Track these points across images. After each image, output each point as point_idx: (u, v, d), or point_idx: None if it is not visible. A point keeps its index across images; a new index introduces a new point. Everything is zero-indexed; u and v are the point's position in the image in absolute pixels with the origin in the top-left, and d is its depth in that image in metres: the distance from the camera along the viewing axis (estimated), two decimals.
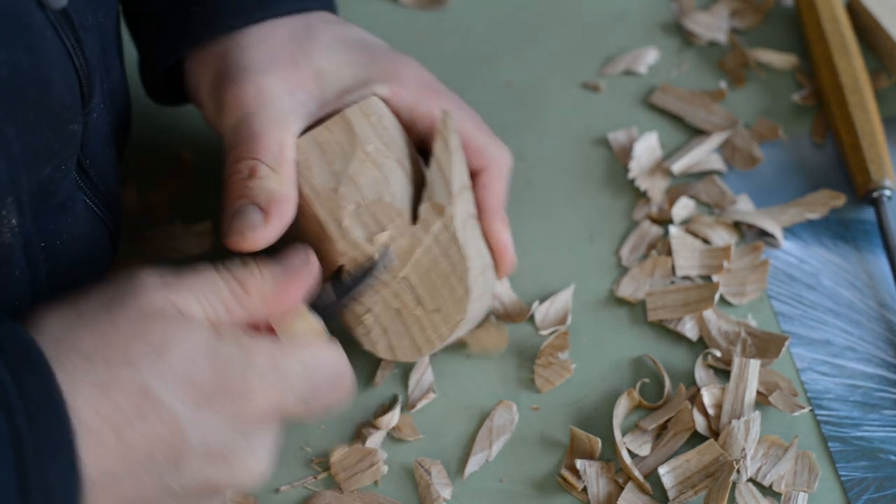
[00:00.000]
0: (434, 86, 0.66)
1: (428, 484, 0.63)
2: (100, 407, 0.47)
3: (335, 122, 0.62)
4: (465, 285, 0.62)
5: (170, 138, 0.78)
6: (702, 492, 0.62)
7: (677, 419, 0.65)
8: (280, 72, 0.63)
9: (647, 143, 0.77)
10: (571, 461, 0.64)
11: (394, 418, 0.65)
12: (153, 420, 0.48)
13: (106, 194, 0.62)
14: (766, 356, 0.67)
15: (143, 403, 0.48)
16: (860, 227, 0.74)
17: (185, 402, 0.49)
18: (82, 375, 0.48)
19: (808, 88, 0.81)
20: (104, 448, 0.47)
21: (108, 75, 0.63)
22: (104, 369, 0.48)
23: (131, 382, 0.48)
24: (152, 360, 0.49)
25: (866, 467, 0.63)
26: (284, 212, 0.60)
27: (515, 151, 0.77)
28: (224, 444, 0.50)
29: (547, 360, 0.68)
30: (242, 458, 0.51)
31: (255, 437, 0.52)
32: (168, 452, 0.49)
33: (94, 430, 0.47)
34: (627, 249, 0.73)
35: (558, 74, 0.82)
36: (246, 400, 0.51)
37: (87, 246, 0.61)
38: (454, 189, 0.62)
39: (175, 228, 0.74)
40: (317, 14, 0.67)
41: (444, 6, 0.86)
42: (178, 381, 0.49)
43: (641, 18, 0.85)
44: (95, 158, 0.61)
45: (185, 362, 0.50)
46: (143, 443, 0.48)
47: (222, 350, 0.51)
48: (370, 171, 0.62)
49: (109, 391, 0.48)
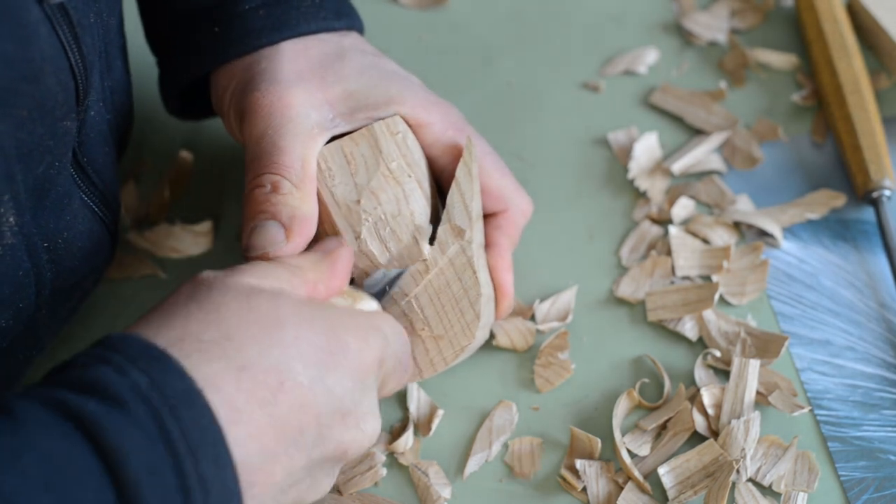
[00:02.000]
0: (462, 126, 0.66)
1: (427, 485, 0.63)
2: (242, 387, 0.48)
3: (361, 134, 0.62)
4: (475, 310, 0.62)
5: (170, 138, 0.78)
6: (701, 492, 0.62)
7: (677, 419, 0.65)
8: (309, 87, 0.63)
9: (647, 143, 0.77)
10: (571, 461, 0.64)
11: (408, 441, 0.65)
12: (293, 392, 0.50)
13: (104, 192, 0.62)
14: (765, 356, 0.67)
15: (281, 377, 0.49)
16: (860, 227, 0.74)
17: (314, 368, 0.51)
18: (215, 361, 0.48)
19: (808, 88, 0.81)
20: (256, 427, 0.48)
21: (110, 74, 0.62)
22: (234, 351, 0.49)
23: (263, 359, 0.49)
24: (272, 334, 0.50)
25: (866, 467, 0.63)
26: (306, 230, 0.60)
27: (515, 151, 0.78)
28: (354, 404, 0.52)
29: (547, 361, 0.68)
30: (368, 416, 0.53)
31: (372, 394, 0.54)
32: (313, 422, 0.50)
33: (243, 410, 0.48)
34: (627, 249, 0.73)
35: (558, 74, 0.82)
36: (362, 353, 0.53)
37: (88, 244, 0.61)
38: (473, 214, 0.62)
39: (175, 228, 0.74)
40: (351, 39, 0.67)
41: (444, 6, 0.86)
42: (301, 350, 0.51)
43: (641, 18, 0.85)
44: (93, 156, 0.61)
45: (300, 331, 0.51)
46: (291, 416, 0.49)
47: (325, 313, 0.53)
48: (392, 187, 0.62)
49: (246, 370, 0.49)
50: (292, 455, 0.50)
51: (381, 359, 0.55)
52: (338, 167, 0.62)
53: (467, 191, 0.62)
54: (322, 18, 0.65)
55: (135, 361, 0.47)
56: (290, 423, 0.49)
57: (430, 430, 0.65)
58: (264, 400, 0.49)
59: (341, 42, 0.66)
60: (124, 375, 0.46)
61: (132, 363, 0.47)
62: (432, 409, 0.66)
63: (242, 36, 0.64)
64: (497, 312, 0.66)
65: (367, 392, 0.54)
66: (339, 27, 0.66)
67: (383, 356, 0.55)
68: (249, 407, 0.48)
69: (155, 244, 0.73)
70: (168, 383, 0.47)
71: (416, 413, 0.66)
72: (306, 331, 0.51)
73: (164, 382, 0.47)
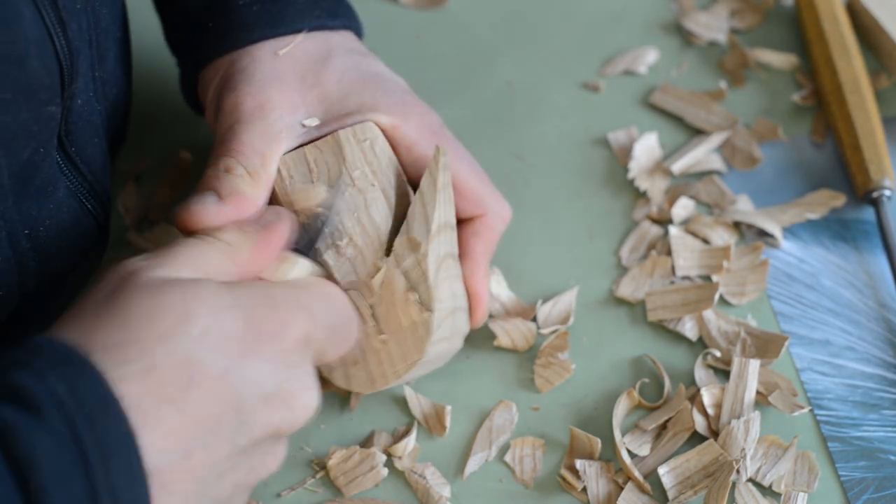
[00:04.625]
0: (439, 131, 0.65)
1: (426, 488, 0.63)
2: (149, 388, 0.47)
3: (326, 142, 0.62)
4: (427, 326, 0.60)
5: (170, 138, 0.78)
6: (701, 492, 0.62)
7: (677, 419, 0.65)
8: (284, 88, 0.62)
9: (647, 143, 0.77)
10: (571, 461, 0.64)
11: (409, 444, 0.64)
12: (205, 385, 0.49)
13: (93, 184, 0.62)
14: (765, 356, 0.67)
15: (191, 372, 0.48)
16: (860, 227, 0.74)
17: (228, 356, 0.50)
18: (121, 366, 0.47)
19: (807, 88, 0.81)
20: (169, 426, 0.47)
21: (101, 64, 0.62)
22: (139, 353, 0.48)
23: (171, 356, 0.48)
24: (181, 328, 0.49)
25: (866, 467, 0.63)
26: (243, 207, 0.59)
27: (515, 151, 0.78)
28: (277, 386, 0.51)
29: (547, 361, 0.68)
30: (296, 394, 0.52)
31: (300, 371, 0.53)
32: (230, 411, 0.49)
33: (153, 412, 0.47)
34: (627, 249, 0.73)
35: (558, 74, 0.82)
36: (282, 336, 0.52)
37: (74, 235, 0.61)
38: (434, 227, 0.60)
39: (175, 228, 0.73)
40: (341, 37, 0.66)
41: (444, 6, 0.86)
42: (213, 339, 0.50)
43: (641, 18, 0.85)
44: (83, 147, 0.60)
45: (212, 320, 0.50)
46: (204, 410, 0.48)
47: (241, 298, 0.52)
48: (352, 196, 0.61)
49: (153, 371, 0.48)
50: (212, 447, 0.49)
51: (307, 335, 0.53)
52: (299, 175, 0.61)
53: (429, 202, 0.60)
54: (316, 16, 0.65)
55: (55, 367, 0.46)
56: (205, 416, 0.48)
57: (444, 430, 0.65)
58: (172, 398, 0.48)
59: (329, 40, 0.65)
60: (43, 381, 0.46)
61: (52, 369, 0.46)
62: (438, 409, 0.66)
63: (235, 30, 0.64)
64: (472, 321, 0.65)
65: (294, 369, 0.52)
66: (333, 26, 0.66)
67: (308, 332, 0.53)
68: (157, 407, 0.47)
69: (155, 244, 0.73)
70: (85, 390, 0.46)
71: (423, 416, 0.66)
72: (221, 319, 0.50)
73: (82, 389, 0.46)
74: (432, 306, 0.60)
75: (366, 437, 0.65)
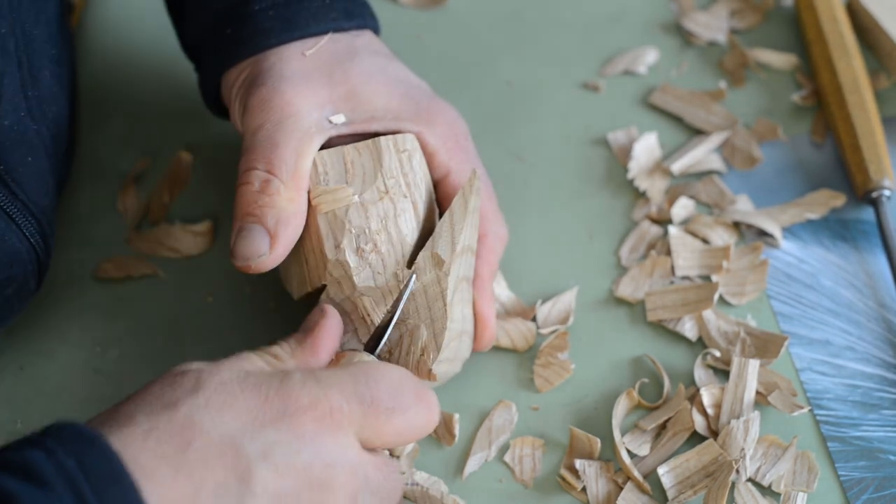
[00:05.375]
0: (462, 141, 0.66)
1: (426, 492, 0.63)
2: (147, 446, 0.48)
3: (367, 145, 0.62)
4: (437, 342, 0.61)
5: (170, 138, 0.78)
6: (701, 492, 0.62)
7: (676, 419, 0.65)
8: (314, 85, 0.63)
9: (647, 143, 0.77)
10: (571, 461, 0.64)
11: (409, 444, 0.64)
12: (205, 448, 0.48)
13: (27, 204, 0.62)
14: (765, 356, 0.67)
15: (189, 433, 0.48)
16: (859, 227, 0.74)
17: (234, 422, 0.49)
18: (125, 427, 0.48)
19: (807, 88, 0.81)
20: (168, 486, 0.47)
21: (35, 83, 0.62)
22: (145, 419, 0.49)
23: (173, 420, 0.49)
24: (189, 398, 0.49)
25: (865, 467, 0.63)
26: (290, 233, 0.60)
27: (515, 151, 0.78)
28: (287, 457, 0.49)
29: (546, 361, 0.68)
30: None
31: (316, 446, 0.51)
32: (232, 476, 0.48)
33: (149, 468, 0.47)
34: (627, 249, 0.73)
35: (558, 74, 0.82)
36: (292, 410, 0.50)
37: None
38: (458, 247, 0.61)
39: (175, 228, 0.74)
40: (364, 40, 0.66)
41: (444, 6, 0.86)
42: (217, 406, 0.49)
43: (641, 18, 0.85)
44: (12, 165, 0.60)
45: (221, 391, 0.50)
46: (203, 472, 0.48)
47: (254, 375, 0.51)
48: (384, 203, 0.61)
49: (153, 432, 0.48)
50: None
51: (329, 410, 0.52)
52: (335, 172, 0.61)
53: (458, 222, 0.61)
54: (332, 19, 0.65)
55: (65, 444, 0.47)
56: (204, 479, 0.48)
57: (454, 439, 0.65)
58: (169, 457, 0.48)
59: (353, 42, 0.66)
60: (51, 457, 0.46)
61: (62, 445, 0.46)
62: (447, 418, 0.65)
63: (253, 36, 0.64)
64: (478, 344, 0.65)
65: (309, 445, 0.51)
66: (349, 27, 0.66)
67: (331, 405, 0.51)
68: (156, 465, 0.47)
69: (155, 244, 0.73)
70: (95, 464, 0.46)
71: None
72: (230, 391, 0.50)
73: (91, 463, 0.46)
74: (445, 324, 0.60)
75: None
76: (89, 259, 0.73)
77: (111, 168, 0.77)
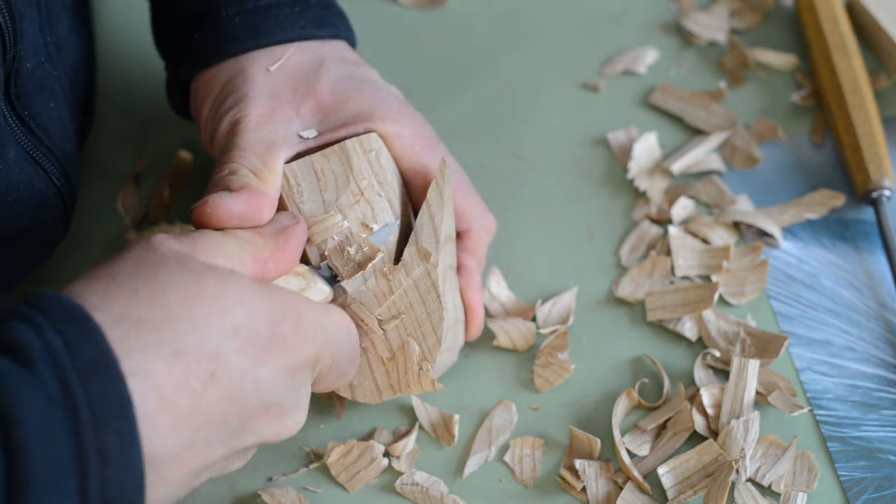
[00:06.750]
0: (431, 140, 0.65)
1: (426, 492, 0.63)
2: (173, 374, 0.47)
3: (333, 151, 0.62)
4: (437, 334, 0.61)
5: (170, 138, 0.78)
6: (701, 492, 0.62)
7: (676, 419, 0.65)
8: (279, 102, 0.63)
9: (647, 143, 0.77)
10: (571, 461, 0.64)
11: (409, 444, 0.64)
12: (226, 383, 0.49)
13: (51, 149, 0.62)
14: (765, 356, 0.67)
15: (215, 367, 0.48)
16: (859, 227, 0.74)
17: (248, 359, 0.50)
18: (151, 347, 0.47)
19: (807, 88, 0.81)
20: (180, 416, 0.47)
21: (53, 29, 0.62)
22: (172, 337, 0.48)
23: (202, 347, 0.48)
24: (216, 319, 0.49)
25: (865, 467, 0.64)
26: (254, 199, 0.58)
27: (515, 151, 0.78)
28: (280, 398, 0.51)
29: (546, 361, 0.68)
30: (292, 410, 0.53)
31: (302, 389, 0.53)
32: (237, 413, 0.49)
33: (171, 398, 0.47)
34: (627, 249, 0.73)
35: (558, 74, 0.82)
36: (298, 352, 0.52)
37: (27, 197, 0.61)
38: (442, 237, 0.61)
39: (175, 228, 0.74)
40: (332, 47, 0.66)
41: (444, 6, 0.86)
42: (242, 339, 0.50)
43: (641, 18, 0.85)
44: (35, 110, 0.60)
45: (244, 319, 0.50)
46: (216, 407, 0.48)
47: (276, 303, 0.52)
48: (361, 205, 0.61)
49: (180, 357, 0.47)
50: (212, 446, 0.49)
51: (317, 357, 0.54)
52: (307, 183, 0.61)
53: (437, 213, 0.61)
54: (300, 27, 0.65)
55: (55, 322, 0.46)
56: (215, 413, 0.49)
57: (453, 439, 0.65)
58: (192, 389, 0.48)
59: (320, 51, 0.65)
60: (40, 335, 0.45)
61: (51, 324, 0.46)
62: (446, 418, 0.66)
63: (219, 43, 0.64)
64: (468, 333, 0.66)
65: (296, 387, 0.53)
66: (320, 36, 0.66)
67: (319, 355, 0.54)
68: (176, 395, 0.47)
69: None
70: (83, 348, 0.45)
71: (430, 425, 0.66)
72: (254, 320, 0.50)
73: (79, 347, 0.45)
74: (443, 315, 0.61)
75: (365, 434, 0.65)
76: (89, 259, 0.73)
77: (111, 168, 0.77)
